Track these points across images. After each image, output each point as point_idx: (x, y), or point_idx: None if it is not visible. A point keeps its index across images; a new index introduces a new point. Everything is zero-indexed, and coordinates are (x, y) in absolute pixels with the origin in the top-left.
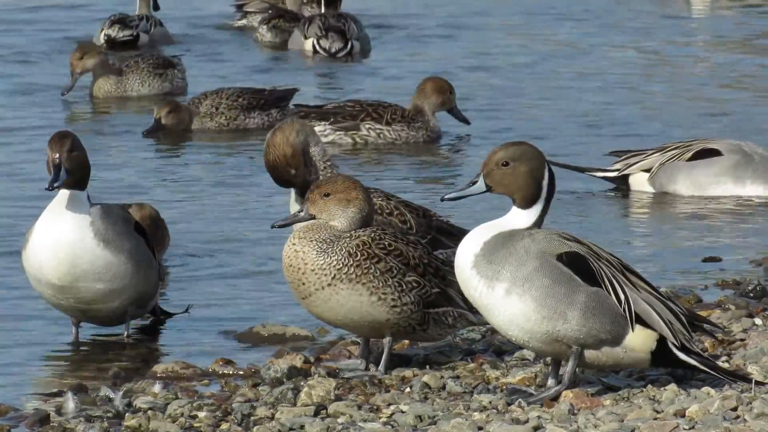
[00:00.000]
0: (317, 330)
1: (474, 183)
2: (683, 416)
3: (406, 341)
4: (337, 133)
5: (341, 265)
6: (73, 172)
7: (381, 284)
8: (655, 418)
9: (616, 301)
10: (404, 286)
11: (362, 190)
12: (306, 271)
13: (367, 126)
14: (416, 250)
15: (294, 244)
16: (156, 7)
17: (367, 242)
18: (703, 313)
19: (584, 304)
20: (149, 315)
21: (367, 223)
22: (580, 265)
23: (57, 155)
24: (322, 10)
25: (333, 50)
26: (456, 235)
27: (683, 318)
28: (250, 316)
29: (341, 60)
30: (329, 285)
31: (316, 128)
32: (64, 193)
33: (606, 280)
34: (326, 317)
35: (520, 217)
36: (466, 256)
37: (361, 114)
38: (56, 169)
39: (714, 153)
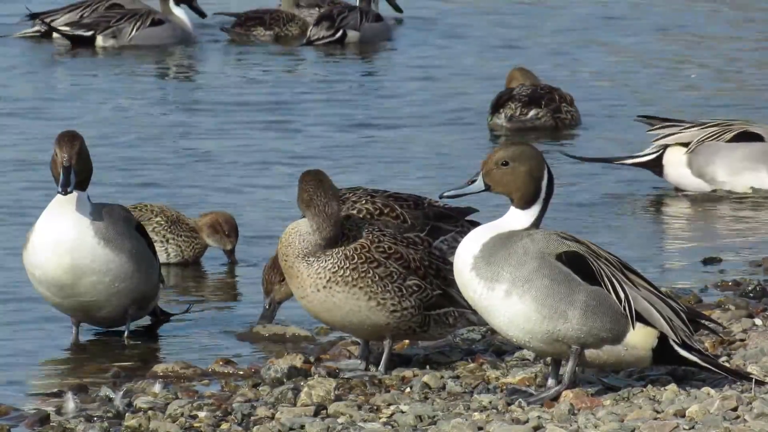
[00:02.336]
0: (317, 330)
1: (473, 182)
2: (683, 416)
3: (406, 341)
4: (547, 115)
5: (336, 267)
6: (81, 173)
7: (380, 289)
8: (655, 418)
9: (616, 299)
10: (404, 291)
11: (315, 187)
12: (302, 278)
13: (565, 108)
14: (417, 252)
15: (285, 260)
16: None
17: (365, 245)
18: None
19: (584, 303)
20: (149, 315)
21: (332, 220)
22: (579, 265)
23: (67, 156)
24: (357, 3)
25: (313, 38)
26: (455, 217)
27: (683, 315)
28: (250, 316)
29: (330, 49)
30: (324, 287)
31: (531, 113)
32: None
33: (605, 278)
34: (324, 318)
35: (518, 218)
36: (465, 258)
37: (556, 96)
38: (66, 171)
39: (755, 137)
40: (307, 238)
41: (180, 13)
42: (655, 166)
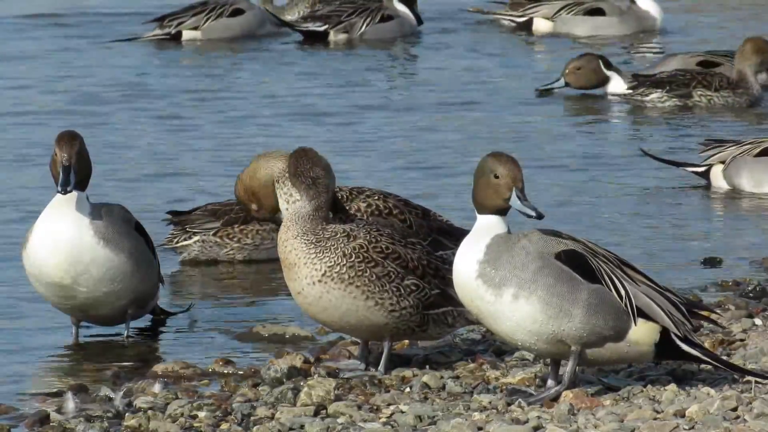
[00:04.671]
0: (317, 330)
1: (527, 204)
2: (683, 416)
3: (406, 341)
4: (672, 99)
5: (333, 263)
6: (80, 172)
7: (378, 289)
8: (655, 418)
9: (617, 296)
10: (403, 290)
11: (305, 160)
12: (299, 266)
13: (698, 93)
14: (414, 252)
15: (285, 246)
16: None
17: (363, 245)
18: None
19: (586, 301)
20: (149, 315)
21: (322, 190)
22: (579, 263)
23: (66, 156)
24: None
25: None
26: (456, 235)
27: (683, 308)
28: (250, 316)
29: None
30: (319, 281)
31: (653, 95)
32: None
33: (605, 276)
34: (322, 318)
35: (500, 223)
36: (469, 267)
37: (693, 82)
38: (66, 171)
39: None
40: (302, 213)
41: (403, 8)
42: (706, 177)
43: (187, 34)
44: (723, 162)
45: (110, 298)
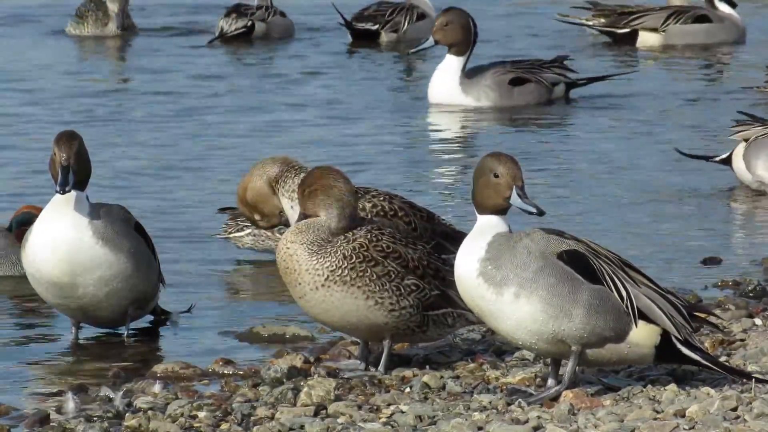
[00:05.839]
0: (317, 330)
1: (528, 202)
2: (683, 416)
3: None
4: None
5: (334, 267)
6: (79, 173)
7: (378, 288)
8: (655, 418)
9: (618, 297)
10: (403, 290)
11: (338, 177)
12: (301, 272)
13: None
14: (415, 252)
15: (288, 248)
16: None
17: (364, 245)
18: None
19: (587, 302)
20: (149, 315)
21: (352, 210)
22: (580, 263)
23: (65, 156)
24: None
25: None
26: (459, 240)
27: (684, 311)
28: (250, 316)
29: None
30: (323, 286)
31: None
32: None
33: (607, 277)
34: (323, 319)
35: (500, 223)
36: (469, 265)
37: None
38: (65, 171)
39: None
40: (322, 228)
41: (428, 3)
42: (729, 160)
43: (258, 27)
44: (746, 140)
45: (110, 299)
